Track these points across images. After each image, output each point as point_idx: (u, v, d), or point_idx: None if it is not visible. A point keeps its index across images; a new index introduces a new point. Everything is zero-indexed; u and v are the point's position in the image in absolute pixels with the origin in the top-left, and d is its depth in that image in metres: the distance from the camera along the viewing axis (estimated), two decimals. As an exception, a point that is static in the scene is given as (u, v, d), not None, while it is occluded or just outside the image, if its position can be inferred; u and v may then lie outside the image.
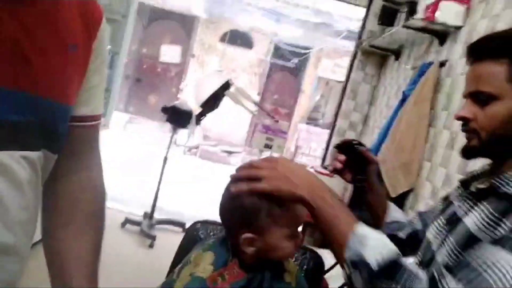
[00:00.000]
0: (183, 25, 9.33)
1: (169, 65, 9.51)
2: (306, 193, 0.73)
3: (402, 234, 0.98)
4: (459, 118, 0.79)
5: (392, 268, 0.67)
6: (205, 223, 1.14)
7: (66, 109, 0.66)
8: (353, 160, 0.99)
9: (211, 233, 1.06)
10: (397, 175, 1.90)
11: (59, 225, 0.74)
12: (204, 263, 0.82)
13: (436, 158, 1.74)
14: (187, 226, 1.16)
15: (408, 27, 2.08)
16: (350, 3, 3.87)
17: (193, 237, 1.06)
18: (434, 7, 1.86)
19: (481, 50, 0.77)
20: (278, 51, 9.36)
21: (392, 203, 1.03)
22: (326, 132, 8.03)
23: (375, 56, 3.14)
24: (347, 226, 0.72)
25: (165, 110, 3.09)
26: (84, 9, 0.65)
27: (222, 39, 9.27)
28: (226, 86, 2.98)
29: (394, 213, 1.01)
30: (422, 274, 0.66)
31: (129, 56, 8.77)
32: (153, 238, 3.14)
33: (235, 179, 0.80)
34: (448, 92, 1.81)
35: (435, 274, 0.65)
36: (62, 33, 0.62)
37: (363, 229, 0.71)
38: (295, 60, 9.25)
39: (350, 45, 7.32)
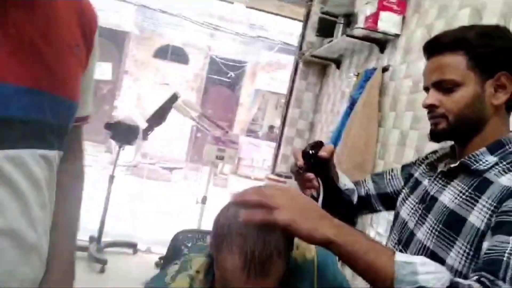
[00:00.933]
0: (113, 41, 9.03)
1: (100, 82, 9.13)
2: (331, 233, 0.66)
3: (354, 199, 1.09)
4: (427, 106, 0.87)
5: None
6: (186, 232, 1.13)
7: (75, 108, 0.68)
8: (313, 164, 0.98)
9: (199, 241, 1.05)
10: (353, 175, 2.00)
11: None
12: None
13: (389, 156, 1.87)
14: (139, 246, 1.16)
15: (350, 36, 2.23)
16: (287, 17, 4.04)
17: (178, 247, 1.05)
18: (375, 17, 2.02)
19: (440, 45, 0.86)
20: (214, 66, 9.42)
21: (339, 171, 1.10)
22: (267, 143, 8.21)
23: (316, 65, 3.30)
24: (385, 257, 0.66)
25: (108, 126, 2.95)
26: (82, 14, 0.68)
27: (156, 55, 9.12)
28: (173, 99, 2.94)
29: (343, 179, 1.09)
30: (475, 283, 0.63)
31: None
32: (103, 262, 2.96)
33: (242, 203, 0.71)
34: (393, 95, 1.96)
35: (484, 280, 0.63)
36: (67, 34, 0.64)
37: (402, 256, 0.67)
38: (232, 74, 9.37)
39: (285, 58, 7.60)
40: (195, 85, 9.50)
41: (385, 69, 2.06)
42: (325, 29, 3.00)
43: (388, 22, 1.97)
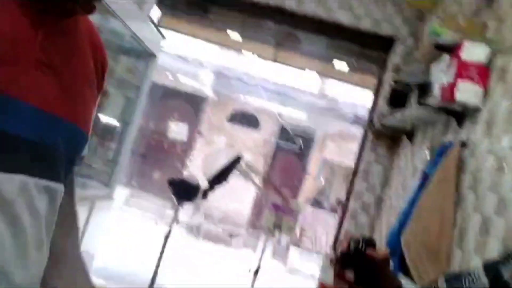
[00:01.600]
0: (191, 104, 9.63)
1: (175, 142, 9.64)
2: None
3: None
4: None
5: None
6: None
7: (87, 141, 0.65)
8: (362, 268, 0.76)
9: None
10: (424, 262, 1.73)
11: None
12: None
13: (468, 245, 1.59)
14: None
15: (424, 105, 2.06)
16: (358, 86, 3.98)
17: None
18: (451, 87, 1.85)
19: None
20: (283, 133, 9.52)
21: None
22: (332, 215, 7.83)
23: (387, 137, 3.11)
24: None
25: (171, 183, 3.00)
26: (95, 52, 0.66)
27: (229, 119, 9.50)
28: (236, 160, 2.92)
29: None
30: None
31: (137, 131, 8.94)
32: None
33: None
34: (473, 173, 1.71)
35: None
36: (85, 66, 0.63)
37: None
38: (301, 142, 9.37)
39: (356, 130, 7.46)
40: (264, 151, 9.61)
41: (463, 144, 1.84)
42: (398, 99, 2.85)
43: (467, 93, 1.79)
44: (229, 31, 5.08)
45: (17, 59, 0.49)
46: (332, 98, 7.05)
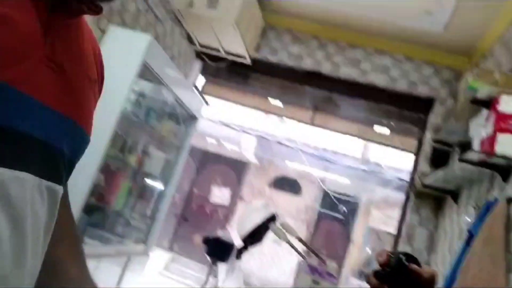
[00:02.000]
0: (234, 169, 9.78)
1: (217, 206, 9.68)
2: None
3: None
4: None
5: None
6: None
7: (88, 144, 0.63)
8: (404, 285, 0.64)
9: None
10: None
11: None
12: None
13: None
14: None
15: (464, 161, 1.97)
16: (399, 148, 3.89)
17: None
18: (491, 140, 1.78)
19: None
20: (326, 199, 9.31)
21: None
22: None
23: (430, 198, 2.96)
24: None
25: (206, 241, 2.97)
26: (95, 56, 0.66)
27: (271, 184, 9.49)
28: (271, 219, 2.87)
29: None
30: None
31: (179, 195, 9.10)
32: None
33: None
34: (523, 231, 1.57)
35: None
36: (90, 70, 0.62)
37: None
38: (344, 209, 9.08)
39: (401, 196, 7.15)
40: (306, 217, 9.38)
41: (510, 200, 1.71)
42: (439, 159, 2.75)
43: (507, 145, 1.70)
44: (269, 98, 5.28)
45: (28, 55, 0.48)
46: (375, 163, 6.90)
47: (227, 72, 4.14)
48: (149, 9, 2.99)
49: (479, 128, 1.95)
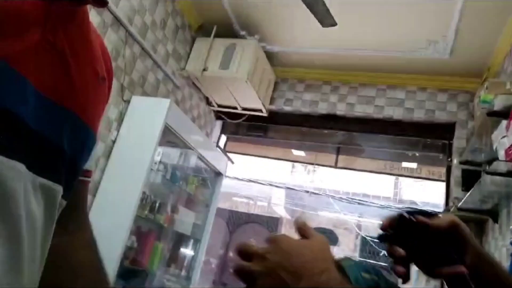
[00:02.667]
0: (267, 226, 9.64)
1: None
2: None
3: None
4: None
5: None
6: None
7: (94, 140, 0.57)
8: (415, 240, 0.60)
9: None
10: None
11: None
12: None
13: None
14: None
15: (492, 173, 1.93)
16: (428, 179, 3.81)
17: None
18: (515, 148, 1.76)
19: None
20: (365, 246, 8.94)
21: None
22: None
23: (470, 222, 2.83)
24: None
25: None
26: (103, 54, 0.63)
27: (306, 238, 9.25)
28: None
29: None
30: None
31: (216, 260, 8.96)
32: None
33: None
34: None
35: None
36: (95, 62, 0.58)
37: None
38: (385, 253, 8.66)
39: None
40: (348, 268, 8.96)
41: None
42: (470, 180, 2.67)
43: (532, 149, 1.68)
44: (292, 149, 5.37)
45: (27, 31, 0.45)
46: (409, 200, 6.70)
47: (246, 128, 4.28)
48: (168, 78, 3.21)
49: (501, 138, 1.93)
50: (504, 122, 1.93)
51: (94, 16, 2.40)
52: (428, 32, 2.98)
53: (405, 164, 4.52)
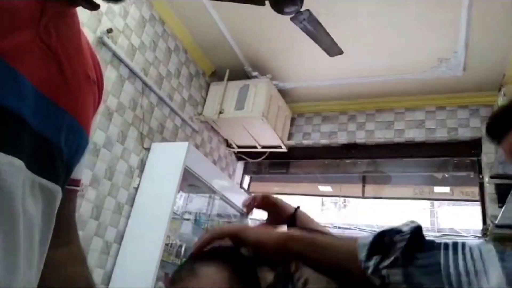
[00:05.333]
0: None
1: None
2: (287, 232, 0.67)
3: None
4: None
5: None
6: None
7: (87, 142, 0.57)
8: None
9: None
10: None
11: None
12: None
13: None
14: None
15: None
16: (462, 200, 3.64)
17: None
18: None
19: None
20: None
21: None
22: None
23: (510, 239, 2.66)
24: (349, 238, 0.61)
25: None
26: (93, 58, 0.63)
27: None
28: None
29: None
30: None
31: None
32: None
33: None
34: None
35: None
36: (86, 64, 0.58)
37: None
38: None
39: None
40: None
41: None
42: (504, 195, 2.55)
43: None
44: (317, 184, 5.28)
45: (22, 26, 0.46)
46: (448, 228, 6.37)
47: (268, 166, 4.28)
48: (186, 124, 3.30)
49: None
50: (527, 128, 1.86)
51: (111, 71, 2.54)
52: (438, 50, 2.97)
53: (437, 189, 4.35)
